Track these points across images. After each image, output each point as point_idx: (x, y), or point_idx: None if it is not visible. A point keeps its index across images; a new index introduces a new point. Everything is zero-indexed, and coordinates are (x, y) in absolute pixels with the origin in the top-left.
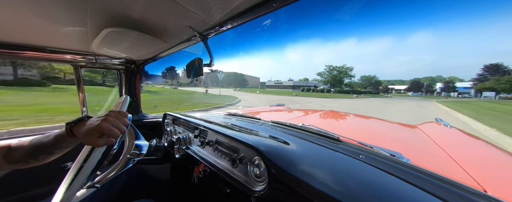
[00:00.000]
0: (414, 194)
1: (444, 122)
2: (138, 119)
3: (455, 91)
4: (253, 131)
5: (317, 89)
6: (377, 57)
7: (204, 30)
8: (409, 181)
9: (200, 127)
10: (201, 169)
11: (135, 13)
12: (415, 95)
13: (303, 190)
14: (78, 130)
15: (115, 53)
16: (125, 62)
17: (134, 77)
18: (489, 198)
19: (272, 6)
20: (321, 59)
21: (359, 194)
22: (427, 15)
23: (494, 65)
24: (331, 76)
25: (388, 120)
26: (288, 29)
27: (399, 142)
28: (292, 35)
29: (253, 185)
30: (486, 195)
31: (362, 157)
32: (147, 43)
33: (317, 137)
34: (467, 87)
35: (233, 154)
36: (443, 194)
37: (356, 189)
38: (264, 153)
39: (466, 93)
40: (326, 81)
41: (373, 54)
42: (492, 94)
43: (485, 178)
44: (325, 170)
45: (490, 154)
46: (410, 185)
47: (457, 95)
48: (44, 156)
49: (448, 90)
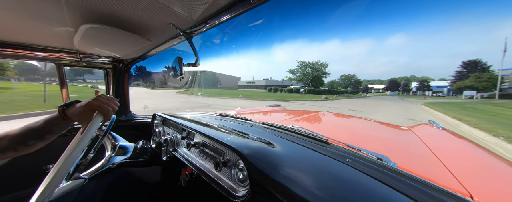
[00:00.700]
0: (396, 200)
1: (436, 124)
2: (127, 119)
3: (430, 90)
4: (242, 133)
5: (286, 89)
6: (359, 58)
7: (187, 28)
8: (392, 186)
9: (187, 129)
10: (188, 172)
11: (112, 9)
12: (393, 94)
13: (284, 196)
14: (71, 112)
15: (101, 52)
16: (112, 61)
17: (122, 76)
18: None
19: (251, 3)
20: (307, 58)
21: (340, 200)
22: (400, 18)
23: (473, 62)
24: (303, 74)
25: (382, 122)
26: (274, 29)
27: (389, 144)
28: (278, 35)
29: (236, 190)
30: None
31: (348, 160)
32: (130, 41)
33: (306, 139)
34: (440, 86)
35: (218, 157)
36: (425, 200)
37: (337, 194)
38: (246, 157)
39: (439, 92)
40: (299, 80)
41: (355, 56)
42: (472, 93)
43: (473, 184)
44: (309, 174)
45: (480, 158)
46: (393, 189)
47: (431, 94)
48: (34, 142)
49: (423, 89)
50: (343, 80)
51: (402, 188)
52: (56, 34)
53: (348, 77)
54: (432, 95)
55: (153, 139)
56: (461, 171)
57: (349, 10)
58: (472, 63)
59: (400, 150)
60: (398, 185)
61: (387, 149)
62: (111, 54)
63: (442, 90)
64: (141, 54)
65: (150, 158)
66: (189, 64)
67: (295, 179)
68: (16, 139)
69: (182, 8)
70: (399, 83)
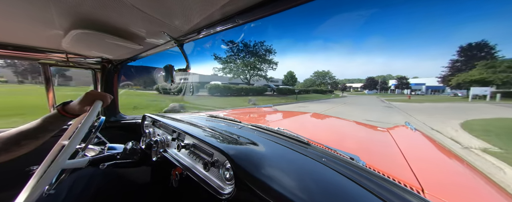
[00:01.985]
0: (358, 193)
1: (411, 126)
2: (116, 120)
3: (408, 88)
4: (232, 134)
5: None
6: (341, 59)
7: (179, 36)
8: (357, 182)
9: (178, 130)
10: (177, 172)
11: (105, 16)
12: (371, 93)
13: (264, 192)
14: (70, 107)
15: (90, 53)
16: (101, 61)
17: (111, 77)
18: (418, 197)
19: (235, 22)
20: (294, 62)
21: (311, 194)
22: (375, 20)
23: (477, 45)
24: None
25: (363, 123)
26: (258, 29)
27: (363, 144)
28: (262, 36)
29: (223, 188)
30: (417, 195)
31: (324, 160)
32: (121, 46)
33: (290, 141)
34: (418, 84)
35: (208, 158)
36: (380, 193)
37: (311, 190)
38: (232, 157)
39: (418, 90)
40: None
41: (338, 56)
42: (484, 91)
43: (427, 179)
44: (287, 173)
45: (440, 158)
46: (357, 184)
47: (410, 92)
48: (27, 142)
49: (401, 87)
50: (317, 78)
51: (364, 183)
52: (43, 35)
53: (322, 74)
54: (411, 94)
55: (143, 139)
56: (420, 168)
57: (331, 12)
58: (476, 47)
59: (371, 150)
60: (361, 181)
61: (361, 149)
62: (101, 56)
63: (421, 88)
64: (132, 56)
65: (140, 159)
66: (181, 69)
67: (274, 177)
68: (8, 140)
69: (175, 21)
70: (377, 81)
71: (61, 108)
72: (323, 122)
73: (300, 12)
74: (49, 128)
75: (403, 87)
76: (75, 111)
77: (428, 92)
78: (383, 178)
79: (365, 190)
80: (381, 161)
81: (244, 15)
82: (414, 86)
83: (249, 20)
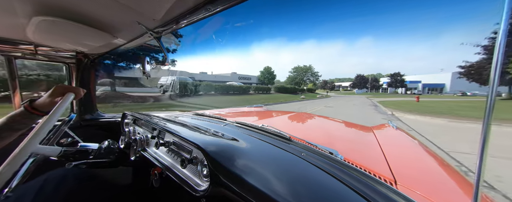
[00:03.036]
0: (331, 184)
1: (392, 124)
2: (93, 118)
3: (404, 86)
4: (215, 132)
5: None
6: (333, 59)
7: (155, 27)
8: (333, 175)
9: (158, 128)
10: (157, 172)
11: (66, 2)
12: (360, 92)
13: (239, 187)
14: (39, 104)
15: (61, 45)
16: (76, 55)
17: (87, 72)
18: (388, 187)
19: (208, 10)
20: (288, 59)
21: (284, 186)
22: (368, 20)
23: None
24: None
25: (348, 122)
26: (250, 27)
27: (344, 141)
28: (256, 34)
29: (200, 185)
30: (388, 186)
31: (303, 154)
32: (94, 36)
33: (272, 137)
34: (413, 82)
35: (186, 155)
36: (352, 183)
37: (287, 183)
38: (208, 152)
39: (414, 89)
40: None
41: (330, 56)
42: None
43: (400, 172)
44: (265, 167)
45: (415, 153)
46: (333, 177)
47: (404, 91)
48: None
49: (395, 85)
50: (297, 74)
51: (338, 175)
52: (4, 23)
53: (303, 69)
54: (406, 93)
55: (122, 138)
56: (396, 162)
57: (325, 10)
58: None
59: (352, 145)
60: (336, 173)
61: (342, 145)
62: (74, 49)
63: (417, 86)
64: (109, 50)
65: (117, 158)
66: (158, 62)
67: (251, 172)
68: None
69: (145, 7)
70: (367, 79)
71: (28, 104)
72: (311, 120)
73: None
74: (15, 127)
75: (397, 85)
76: (44, 106)
77: (425, 91)
78: (357, 170)
79: (338, 181)
80: (359, 155)
81: (217, 2)
82: (409, 85)
83: (223, 8)
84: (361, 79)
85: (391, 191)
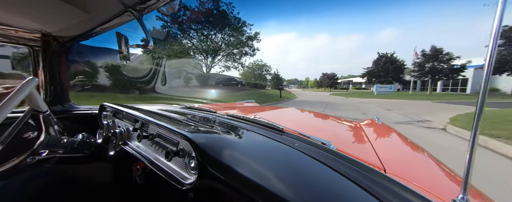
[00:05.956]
0: (325, 172)
1: (377, 119)
2: (66, 110)
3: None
4: (204, 123)
5: None
6: (349, 54)
7: (135, 3)
8: (327, 164)
9: (141, 120)
10: (140, 167)
11: None
12: (385, 92)
13: (230, 178)
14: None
15: (17, 21)
16: (41, 37)
17: (58, 58)
18: (380, 174)
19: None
20: (297, 55)
21: (279, 175)
22: (393, 14)
23: None
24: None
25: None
26: (260, 19)
27: (336, 133)
28: (264, 28)
29: (187, 178)
30: (379, 172)
31: (296, 145)
32: (60, 11)
33: (264, 128)
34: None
35: (172, 147)
36: (346, 171)
37: (279, 172)
38: (196, 143)
39: None
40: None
41: (344, 51)
42: None
43: (389, 162)
44: (257, 158)
45: (402, 145)
46: (327, 166)
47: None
48: None
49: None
50: (254, 69)
51: (332, 164)
52: None
53: (260, 66)
54: None
55: (100, 132)
56: (384, 153)
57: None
58: None
59: (343, 137)
60: (330, 162)
61: (333, 136)
62: (38, 28)
63: None
64: (82, 33)
65: (93, 153)
66: (139, 45)
67: (242, 162)
68: None
69: None
70: (398, 61)
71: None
72: (302, 114)
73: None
74: None
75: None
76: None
77: None
78: (350, 159)
79: (332, 170)
80: (351, 147)
81: None
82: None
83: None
84: (385, 65)
85: (384, 178)
